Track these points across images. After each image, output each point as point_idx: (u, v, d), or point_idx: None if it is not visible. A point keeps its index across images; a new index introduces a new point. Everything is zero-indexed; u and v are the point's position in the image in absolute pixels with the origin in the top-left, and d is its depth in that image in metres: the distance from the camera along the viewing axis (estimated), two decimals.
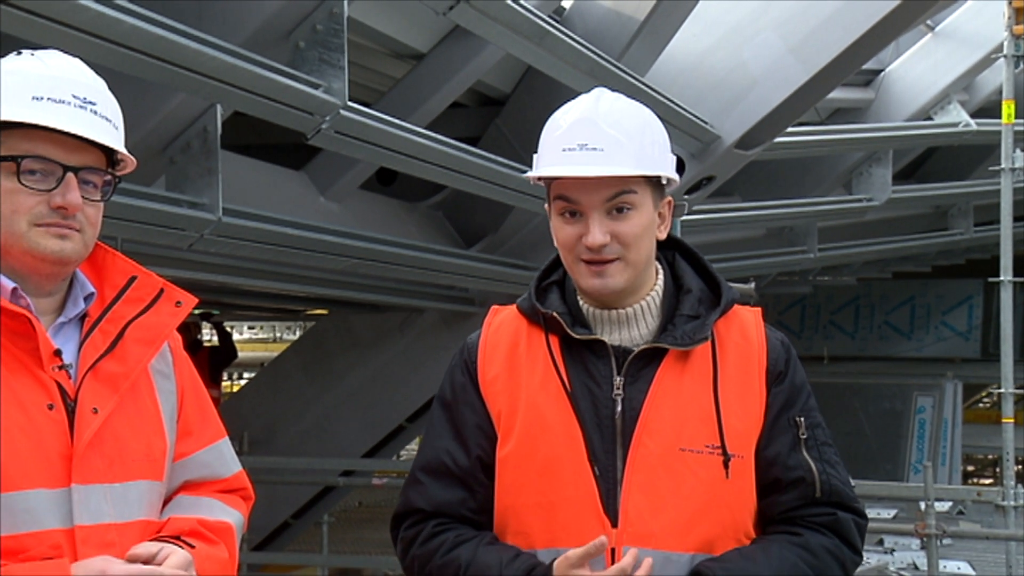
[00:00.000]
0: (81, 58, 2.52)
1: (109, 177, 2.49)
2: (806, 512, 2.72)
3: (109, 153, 2.49)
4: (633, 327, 2.75)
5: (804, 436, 2.72)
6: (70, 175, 2.42)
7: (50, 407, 2.37)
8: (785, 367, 2.76)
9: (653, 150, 2.70)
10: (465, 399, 2.81)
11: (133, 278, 2.55)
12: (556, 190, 2.71)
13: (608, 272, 2.68)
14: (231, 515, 2.62)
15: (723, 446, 2.66)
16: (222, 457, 2.67)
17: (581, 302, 2.78)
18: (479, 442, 2.77)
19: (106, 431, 2.41)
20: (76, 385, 2.41)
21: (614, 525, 2.63)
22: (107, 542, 2.37)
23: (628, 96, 2.80)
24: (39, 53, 2.48)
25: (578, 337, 2.71)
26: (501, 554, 2.68)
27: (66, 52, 2.56)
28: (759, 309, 2.85)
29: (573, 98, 2.76)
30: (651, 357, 2.70)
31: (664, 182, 2.72)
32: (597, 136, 2.65)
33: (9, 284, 2.40)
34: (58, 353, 2.42)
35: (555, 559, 2.60)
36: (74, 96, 2.43)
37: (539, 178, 2.76)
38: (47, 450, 2.35)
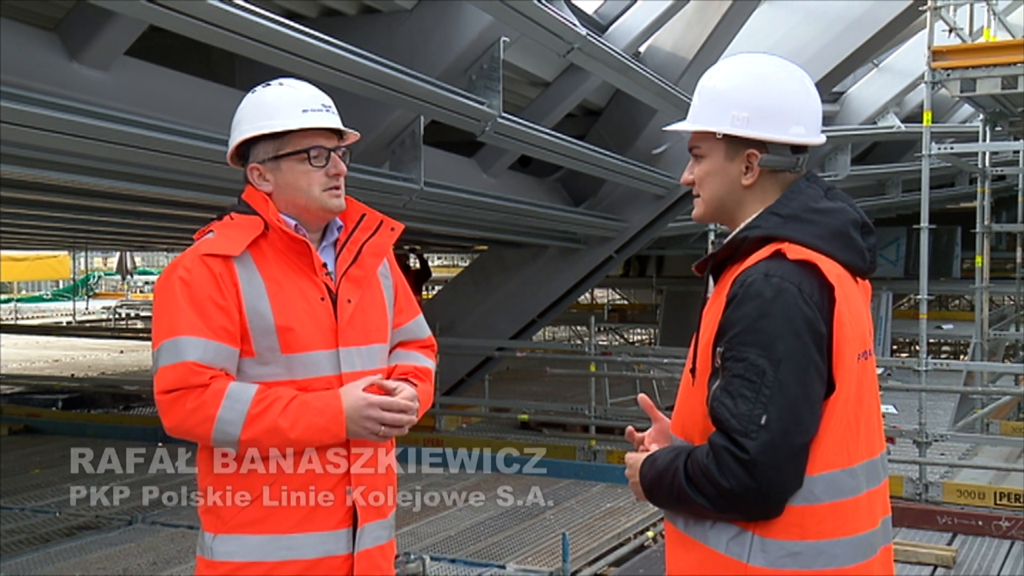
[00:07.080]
0: (338, 87, 2.49)
1: (344, 150, 2.47)
2: None
3: (338, 134, 2.47)
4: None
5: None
6: (333, 154, 2.42)
7: (322, 299, 2.37)
8: (730, 300, 1.96)
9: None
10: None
11: (363, 215, 2.53)
12: None
13: (695, 204, 2.17)
14: (430, 363, 2.62)
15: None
16: (420, 326, 2.65)
17: None
18: None
19: (356, 313, 2.41)
20: (336, 285, 2.41)
21: None
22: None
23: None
24: (286, 81, 2.46)
25: None
26: None
27: (320, 85, 2.53)
28: (776, 247, 1.97)
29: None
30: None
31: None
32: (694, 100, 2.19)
33: (291, 221, 2.41)
34: (324, 265, 2.42)
35: None
36: (322, 104, 2.42)
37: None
38: (322, 326, 2.36)
